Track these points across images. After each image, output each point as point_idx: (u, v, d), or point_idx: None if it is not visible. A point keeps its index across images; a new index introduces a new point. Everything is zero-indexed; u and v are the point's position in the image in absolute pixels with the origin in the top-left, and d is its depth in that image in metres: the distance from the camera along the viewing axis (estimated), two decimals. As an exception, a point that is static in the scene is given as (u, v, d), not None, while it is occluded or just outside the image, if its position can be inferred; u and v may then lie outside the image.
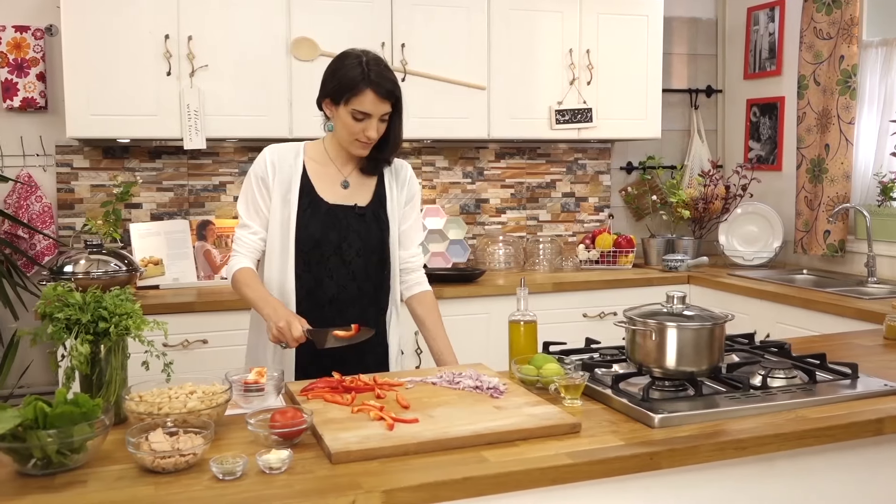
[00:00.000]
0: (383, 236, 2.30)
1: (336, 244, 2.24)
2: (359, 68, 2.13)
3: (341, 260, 2.25)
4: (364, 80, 2.11)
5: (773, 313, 3.44)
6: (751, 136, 4.52)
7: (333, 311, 2.25)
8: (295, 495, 1.35)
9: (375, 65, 2.15)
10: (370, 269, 2.29)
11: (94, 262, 3.22)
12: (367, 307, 2.30)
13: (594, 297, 3.77)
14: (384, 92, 2.13)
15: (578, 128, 3.97)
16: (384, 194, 2.33)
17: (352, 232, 2.26)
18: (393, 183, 2.35)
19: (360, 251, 2.26)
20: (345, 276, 2.26)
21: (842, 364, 2.04)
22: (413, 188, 2.40)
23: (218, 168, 3.87)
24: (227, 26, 3.44)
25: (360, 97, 2.12)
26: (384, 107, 2.15)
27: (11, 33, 3.52)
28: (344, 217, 2.26)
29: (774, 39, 4.31)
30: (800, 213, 4.02)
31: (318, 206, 2.25)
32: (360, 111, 2.13)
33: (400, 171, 2.38)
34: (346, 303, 2.26)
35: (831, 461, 1.75)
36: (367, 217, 2.28)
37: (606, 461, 1.52)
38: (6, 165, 3.58)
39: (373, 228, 2.28)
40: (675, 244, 4.29)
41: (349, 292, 2.26)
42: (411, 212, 2.39)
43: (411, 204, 2.39)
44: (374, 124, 2.16)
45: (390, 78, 2.16)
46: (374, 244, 2.28)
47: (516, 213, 4.37)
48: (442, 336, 2.32)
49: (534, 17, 3.88)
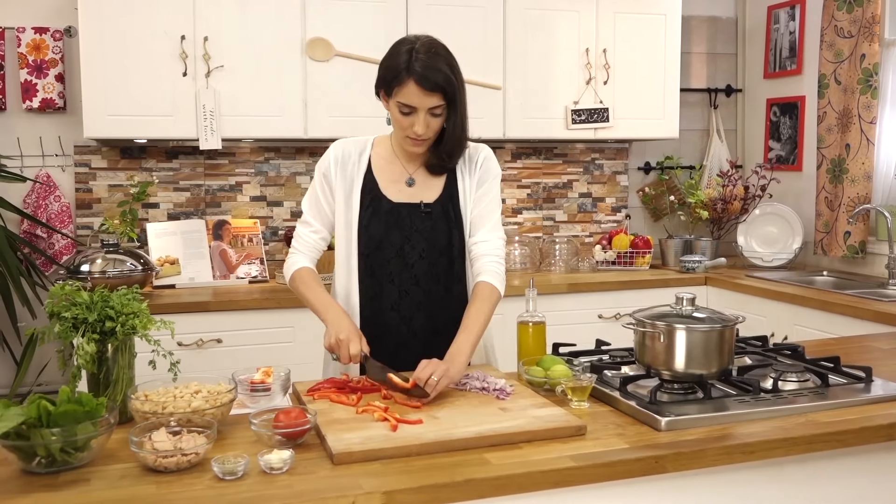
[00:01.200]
0: (452, 235, 2.11)
1: (398, 246, 2.08)
2: (405, 56, 1.93)
3: (403, 263, 2.09)
4: (407, 70, 1.91)
5: (791, 315, 3.40)
6: (771, 136, 4.47)
7: (396, 318, 2.11)
8: (295, 496, 1.35)
9: (425, 52, 1.93)
10: (438, 272, 2.11)
11: (111, 262, 3.25)
12: (435, 312, 2.12)
13: (610, 298, 3.74)
14: (429, 84, 1.91)
15: (595, 128, 3.94)
16: (456, 187, 2.13)
17: (415, 232, 2.09)
18: (465, 172, 2.14)
19: (425, 252, 2.09)
20: (407, 280, 2.10)
21: (856, 368, 2.01)
22: (486, 171, 2.15)
23: (234, 168, 3.89)
24: (243, 27, 3.45)
25: (404, 88, 1.93)
26: (431, 100, 1.94)
27: (31, 35, 3.55)
28: (408, 216, 2.09)
29: (795, 38, 4.26)
30: (820, 214, 3.97)
31: (381, 204, 2.09)
32: (405, 104, 1.95)
33: (473, 156, 2.15)
34: (409, 309, 2.11)
35: (843, 467, 1.72)
36: (435, 215, 2.10)
37: (610, 464, 1.50)
38: (26, 166, 3.62)
39: (440, 227, 2.10)
40: (692, 245, 4.25)
41: (413, 297, 2.10)
42: (483, 197, 2.13)
43: (484, 188, 2.14)
44: (421, 118, 1.96)
45: (438, 68, 1.92)
46: (442, 244, 2.10)
47: (532, 214, 4.35)
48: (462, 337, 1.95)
49: (550, 17, 3.86)
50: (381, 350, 2.00)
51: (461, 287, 2.15)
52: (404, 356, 2.02)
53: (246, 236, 3.76)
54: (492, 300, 2.03)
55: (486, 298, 2.02)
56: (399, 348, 2.10)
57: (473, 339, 1.96)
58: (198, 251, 3.68)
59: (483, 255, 2.09)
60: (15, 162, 3.58)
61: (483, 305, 2.01)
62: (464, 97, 2.03)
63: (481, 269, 2.07)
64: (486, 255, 2.09)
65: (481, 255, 2.09)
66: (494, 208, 2.15)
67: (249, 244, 3.76)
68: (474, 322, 1.98)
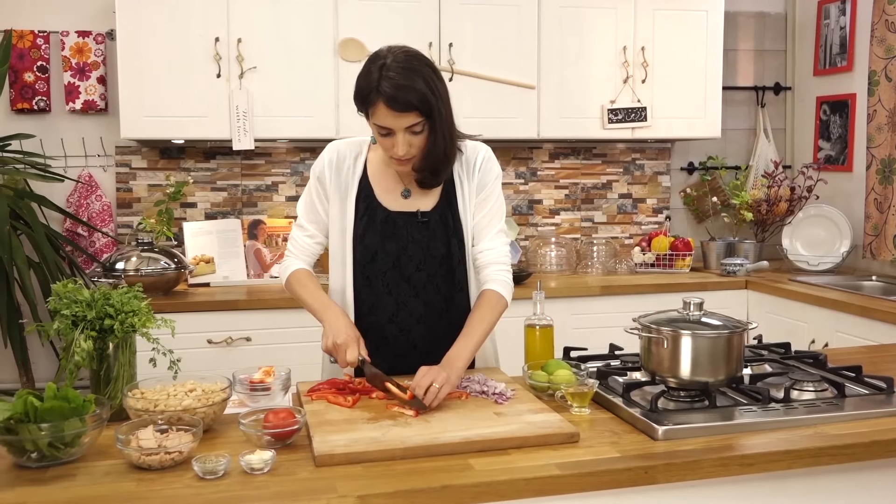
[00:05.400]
0: (451, 244, 2.01)
1: (395, 256, 1.99)
2: (375, 74, 1.80)
3: (400, 274, 2.00)
4: (377, 90, 1.79)
5: (833, 322, 3.27)
6: (820, 136, 4.31)
7: (395, 330, 2.03)
8: (269, 497, 1.35)
9: (395, 69, 1.79)
10: (438, 282, 2.02)
11: (145, 260, 3.31)
12: (434, 324, 2.03)
13: (645, 302, 3.65)
14: (399, 105, 1.78)
15: (632, 127, 3.86)
16: (454, 194, 2.03)
17: (412, 242, 1.99)
18: (463, 176, 2.03)
19: (422, 264, 2.00)
20: (406, 291, 2.01)
21: (878, 378, 1.92)
22: (486, 174, 2.04)
23: (270, 168, 3.93)
24: (276, 28, 3.48)
25: (376, 110, 1.82)
26: (405, 119, 1.81)
27: (74, 38, 3.65)
28: (405, 226, 2.00)
29: (846, 34, 4.11)
30: (869, 217, 3.82)
31: (376, 213, 2.00)
32: (380, 125, 1.85)
33: (471, 157, 2.04)
34: (408, 321, 2.03)
35: (854, 482, 1.64)
36: (432, 223, 2.00)
37: (597, 474, 1.46)
38: (69, 166, 3.72)
39: (438, 236, 2.01)
40: (735, 248, 4.13)
41: (411, 309, 2.02)
42: (484, 203, 2.04)
43: (485, 192, 2.04)
44: (399, 140, 1.84)
45: (409, 85, 1.78)
46: (441, 254, 2.01)
47: (570, 215, 4.29)
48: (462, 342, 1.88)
49: (586, 15, 3.80)
50: (379, 360, 1.93)
51: (462, 297, 2.06)
52: (402, 367, 1.96)
53: (280, 236, 3.80)
54: (497, 308, 1.97)
55: (490, 306, 1.96)
56: (397, 359, 2.01)
57: (473, 344, 1.89)
58: (233, 250, 3.73)
59: (490, 263, 2.02)
60: (59, 162, 3.68)
61: (486, 313, 1.95)
62: (447, 108, 1.89)
63: (488, 278, 2.00)
64: (493, 264, 2.01)
65: (488, 264, 2.02)
66: (497, 212, 2.06)
67: (284, 244, 3.79)
68: (476, 328, 1.91)
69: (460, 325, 1.96)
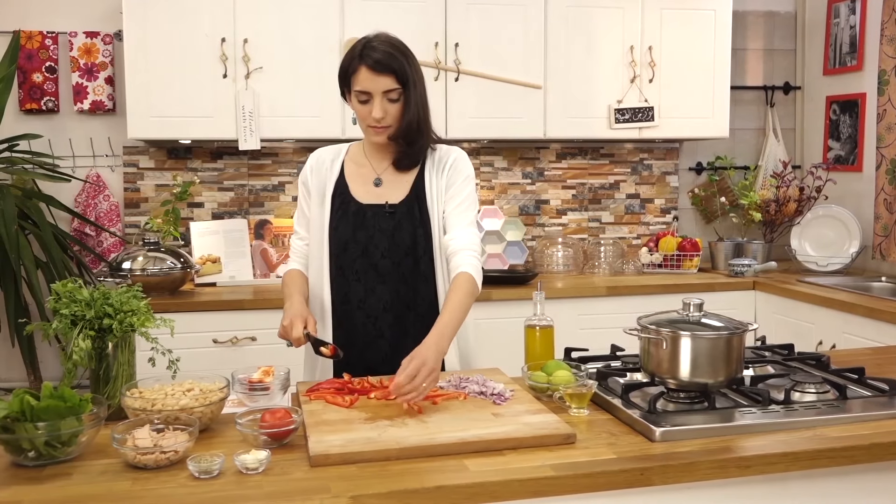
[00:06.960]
0: (416, 234, 2.12)
1: (363, 245, 2.12)
2: (358, 48, 2.04)
3: (368, 262, 2.12)
4: (359, 57, 2.01)
5: (841, 323, 3.24)
6: (830, 135, 4.28)
7: (363, 316, 2.14)
8: (263, 497, 1.35)
9: (373, 40, 2.04)
10: (404, 271, 2.12)
11: (151, 260, 3.33)
12: (403, 312, 2.13)
13: (653, 303, 3.63)
14: (380, 66, 1.98)
15: (639, 127, 3.85)
16: (423, 188, 2.15)
17: (378, 231, 2.12)
18: (433, 173, 2.17)
19: (387, 252, 2.11)
20: (373, 278, 2.13)
21: (881, 380, 1.90)
22: (454, 173, 2.16)
23: (277, 168, 3.94)
24: (282, 29, 3.49)
25: (358, 76, 2.02)
26: (383, 82, 2.00)
27: (82, 39, 3.67)
28: (373, 216, 2.13)
29: (855, 33, 4.07)
30: (878, 217, 3.79)
31: (349, 206, 2.15)
32: (361, 90, 2.02)
33: (443, 158, 2.18)
34: (375, 307, 2.13)
35: (854, 484, 1.62)
36: (399, 215, 2.13)
37: (592, 475, 1.45)
38: (77, 166, 3.74)
39: (404, 227, 2.12)
40: (744, 248, 4.11)
41: (379, 296, 2.13)
42: (455, 197, 2.15)
43: (454, 189, 2.15)
44: (377, 103, 2.02)
45: (388, 52, 2.00)
46: (406, 244, 2.12)
47: (578, 215, 4.27)
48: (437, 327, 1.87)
49: (593, 14, 3.78)
50: (350, 350, 2.04)
51: (429, 288, 2.14)
52: (370, 356, 2.08)
53: (287, 236, 3.80)
54: (471, 291, 2.00)
55: (464, 290, 1.99)
56: (366, 348, 2.13)
57: (455, 324, 1.93)
58: (239, 250, 3.74)
59: (460, 249, 2.07)
60: (67, 162, 3.70)
61: (464, 296, 1.97)
62: (422, 88, 2.07)
63: (460, 262, 2.05)
64: (463, 249, 2.07)
65: (459, 250, 2.07)
66: (468, 208, 2.15)
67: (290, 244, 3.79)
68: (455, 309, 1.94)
69: (427, 316, 2.05)
